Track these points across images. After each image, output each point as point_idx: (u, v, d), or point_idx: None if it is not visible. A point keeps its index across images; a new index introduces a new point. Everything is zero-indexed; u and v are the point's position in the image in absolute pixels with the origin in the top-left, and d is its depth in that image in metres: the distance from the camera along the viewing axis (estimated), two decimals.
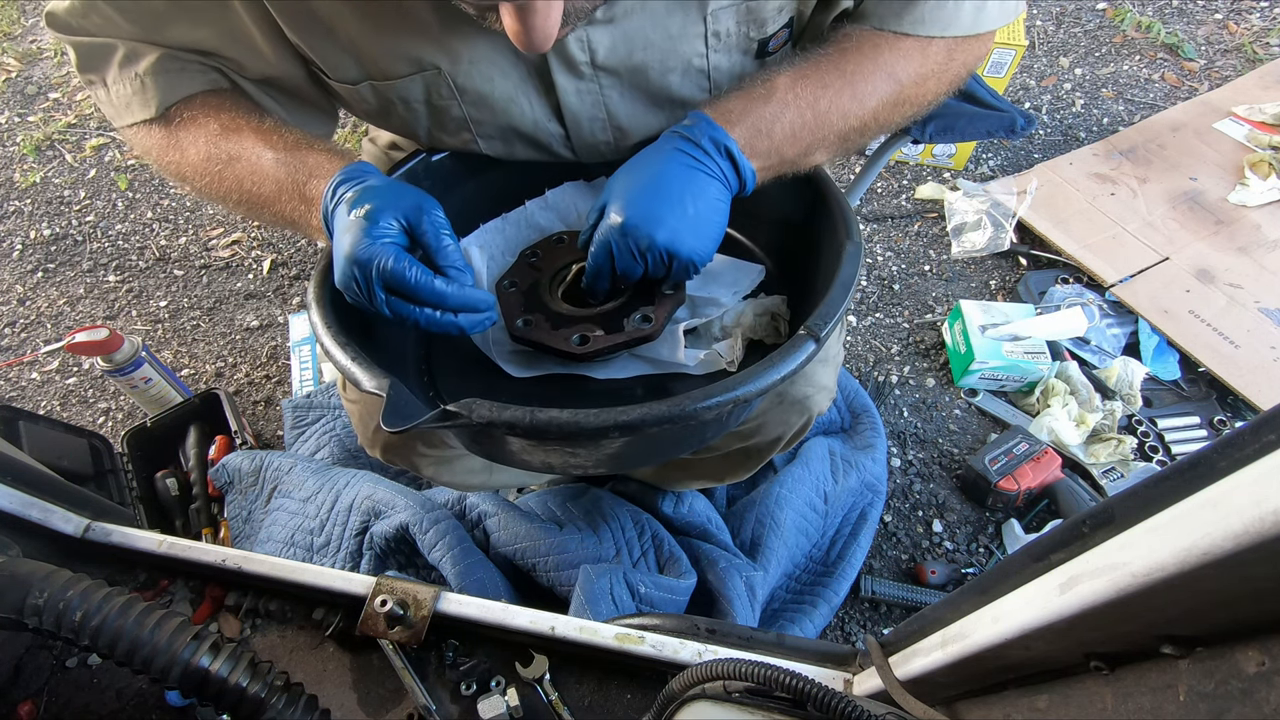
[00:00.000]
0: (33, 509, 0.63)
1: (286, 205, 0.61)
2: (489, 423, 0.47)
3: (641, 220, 0.55)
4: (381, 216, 0.53)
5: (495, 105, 0.63)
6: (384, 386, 0.50)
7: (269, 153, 0.61)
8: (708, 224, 0.57)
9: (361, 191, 0.55)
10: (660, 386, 0.66)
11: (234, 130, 0.62)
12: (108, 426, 1.46)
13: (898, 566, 1.19)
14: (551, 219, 0.77)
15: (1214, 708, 0.27)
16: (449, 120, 0.65)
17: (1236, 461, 0.24)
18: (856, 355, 1.47)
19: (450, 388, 0.69)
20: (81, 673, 0.61)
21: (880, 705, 0.43)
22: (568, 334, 0.62)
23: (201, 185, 0.64)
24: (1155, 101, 1.88)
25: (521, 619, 0.57)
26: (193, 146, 0.62)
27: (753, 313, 0.68)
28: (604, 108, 0.64)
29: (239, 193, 0.62)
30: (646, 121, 0.67)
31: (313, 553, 1.06)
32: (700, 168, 0.57)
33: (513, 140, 0.68)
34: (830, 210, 0.64)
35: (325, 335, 0.56)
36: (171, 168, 0.65)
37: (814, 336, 0.52)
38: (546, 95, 0.63)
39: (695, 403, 0.47)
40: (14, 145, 2.07)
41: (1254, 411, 1.31)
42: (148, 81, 0.61)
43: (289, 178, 0.60)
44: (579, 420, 0.47)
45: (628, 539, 1.03)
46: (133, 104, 0.62)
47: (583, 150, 0.69)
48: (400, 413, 0.47)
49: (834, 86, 0.59)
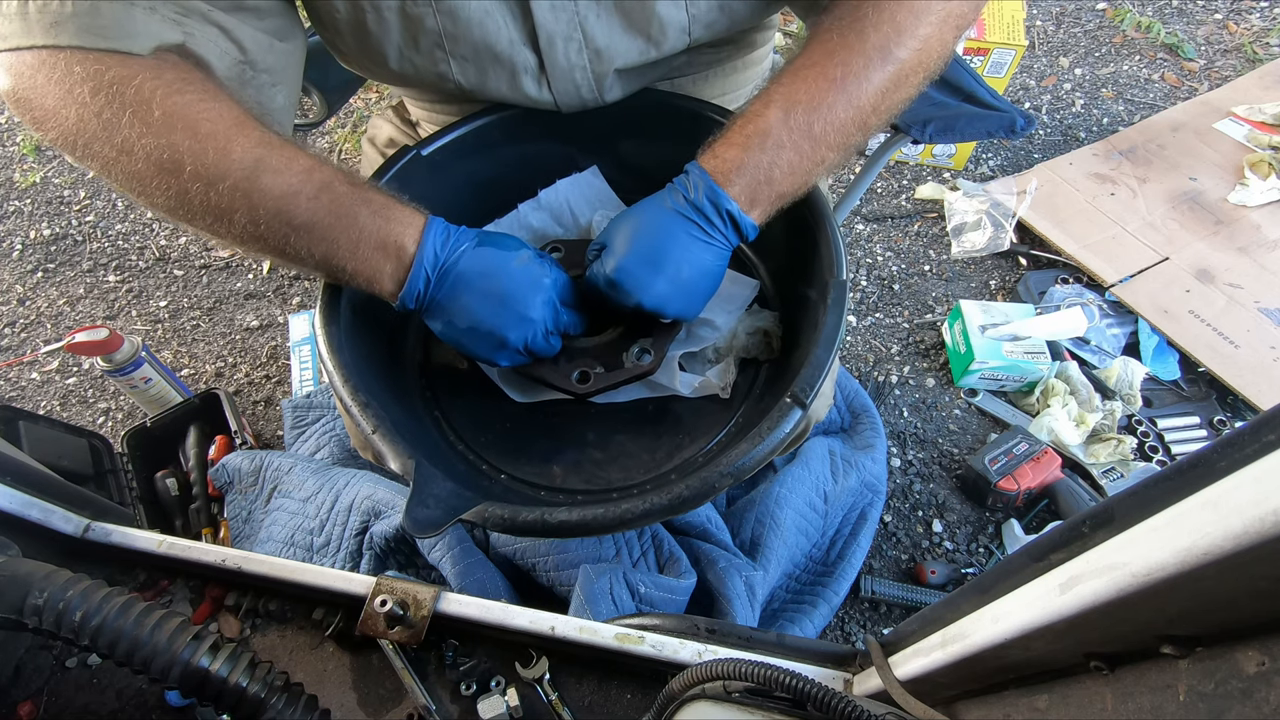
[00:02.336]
0: (33, 509, 0.63)
1: (346, 242, 0.55)
2: (505, 529, 0.51)
3: (632, 285, 0.58)
4: (530, 249, 0.61)
5: (470, 17, 0.60)
6: (410, 469, 0.52)
7: (318, 172, 0.54)
8: (698, 289, 0.60)
9: (496, 236, 0.61)
10: (660, 408, 0.69)
11: (254, 128, 0.53)
12: (108, 426, 1.46)
13: (898, 566, 1.19)
14: (545, 219, 0.77)
15: (1214, 708, 0.27)
16: (422, 35, 0.62)
17: (1236, 461, 0.24)
18: (856, 355, 1.47)
19: (453, 408, 0.71)
20: (81, 673, 0.61)
21: (880, 705, 0.43)
22: (569, 370, 0.65)
23: (191, 187, 0.51)
24: (1155, 101, 1.88)
25: (521, 619, 0.57)
26: (188, 133, 0.50)
27: (744, 332, 0.70)
28: (579, 26, 0.62)
29: (259, 211, 0.53)
30: (624, 44, 0.65)
31: (313, 553, 1.06)
32: (699, 235, 0.58)
33: (486, 66, 0.64)
34: (819, 243, 0.64)
35: (345, 393, 0.57)
36: (110, 144, 0.50)
37: (800, 404, 0.54)
38: (523, 18, 0.62)
39: (694, 492, 0.51)
40: (14, 145, 2.07)
41: (1254, 411, 1.31)
42: (102, 7, 0.48)
43: (360, 214, 0.55)
44: (588, 521, 0.50)
45: (627, 539, 1.03)
46: (65, 23, 0.47)
47: (559, 84, 0.67)
48: (424, 502, 0.50)
49: (826, 103, 0.56)
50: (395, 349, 0.72)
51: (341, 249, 0.55)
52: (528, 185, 0.77)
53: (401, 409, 0.64)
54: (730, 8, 0.65)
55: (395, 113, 0.94)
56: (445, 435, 0.68)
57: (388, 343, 0.70)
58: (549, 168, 0.78)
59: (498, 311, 0.58)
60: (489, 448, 0.67)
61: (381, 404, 0.57)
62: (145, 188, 0.52)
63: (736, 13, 0.66)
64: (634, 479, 0.64)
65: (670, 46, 0.66)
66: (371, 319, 0.67)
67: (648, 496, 0.51)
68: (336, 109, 1.04)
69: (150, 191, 0.52)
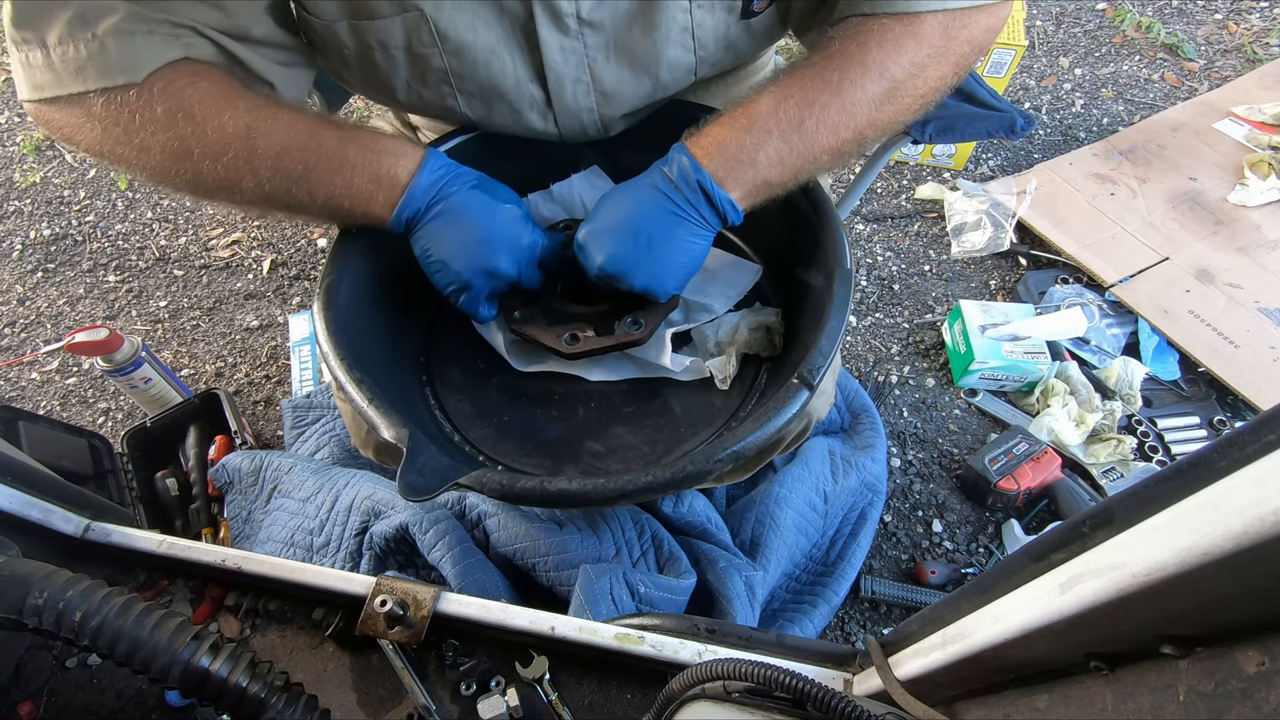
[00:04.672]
0: (33, 509, 0.63)
1: (341, 181, 0.58)
2: (503, 496, 0.51)
3: (612, 267, 0.61)
4: (520, 208, 0.63)
5: (476, 57, 0.61)
6: (403, 438, 0.52)
7: (303, 124, 0.58)
8: (669, 261, 0.61)
9: (495, 186, 0.62)
10: (651, 390, 0.69)
11: (240, 98, 0.57)
12: (108, 426, 1.46)
13: (898, 566, 1.19)
14: (555, 210, 0.77)
15: (1214, 708, 0.27)
16: (429, 71, 0.63)
17: (1236, 461, 0.24)
18: (856, 355, 1.47)
19: (451, 401, 0.71)
20: (81, 673, 0.61)
21: (880, 705, 0.43)
22: (560, 331, 0.66)
23: (202, 166, 0.57)
24: (1155, 101, 1.88)
25: (521, 619, 0.57)
26: (187, 121, 0.55)
27: (747, 327, 0.70)
28: (588, 69, 0.64)
29: (262, 173, 0.57)
30: (631, 88, 0.66)
31: (313, 553, 1.06)
32: (670, 209, 0.59)
33: (493, 101, 0.66)
34: (821, 235, 0.64)
35: (340, 370, 0.57)
36: (130, 146, 0.56)
37: (807, 385, 0.54)
38: (530, 54, 0.62)
39: (697, 466, 0.51)
40: (14, 145, 2.07)
41: (1254, 411, 1.31)
42: (109, 44, 0.53)
43: (349, 153, 0.58)
44: (588, 491, 0.51)
45: (627, 539, 1.03)
46: (86, 69, 0.54)
47: (565, 120, 0.68)
48: (419, 471, 0.50)
49: (819, 102, 0.57)
50: (395, 343, 0.72)
51: (338, 189, 0.59)
52: (536, 182, 0.78)
53: (400, 400, 0.64)
54: (735, 47, 0.66)
55: (395, 115, 0.94)
56: (443, 428, 0.68)
57: (386, 336, 0.70)
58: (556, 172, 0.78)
59: (470, 255, 0.61)
60: (487, 440, 0.68)
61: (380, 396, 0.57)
62: (167, 176, 0.58)
63: (741, 50, 0.67)
64: (633, 471, 0.65)
65: (676, 85, 0.67)
66: (371, 312, 0.68)
67: (650, 470, 0.51)
68: (336, 109, 1.04)
69: (172, 179, 0.58)
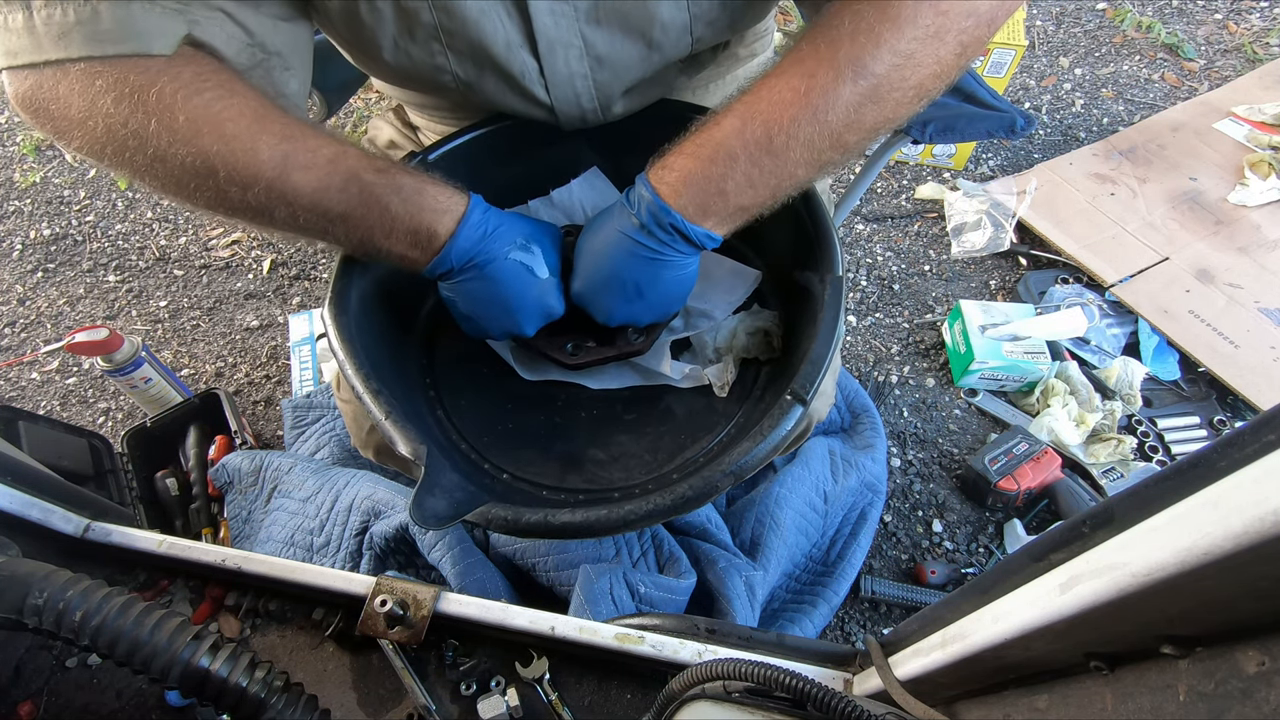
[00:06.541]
0: (33, 509, 0.63)
1: (380, 231, 0.57)
2: (509, 530, 0.52)
3: (595, 310, 0.63)
4: (554, 276, 0.64)
5: (466, 15, 0.59)
6: (421, 455, 0.53)
7: (342, 162, 0.55)
8: (662, 300, 0.62)
9: (529, 237, 0.62)
10: (652, 397, 0.70)
11: (273, 120, 0.53)
12: (108, 426, 1.46)
13: (898, 566, 1.19)
14: (556, 216, 0.77)
15: (1214, 708, 0.27)
16: (418, 27, 0.60)
17: (1236, 461, 0.24)
18: (856, 355, 1.47)
19: (456, 408, 0.72)
20: (81, 673, 0.61)
21: (880, 705, 0.43)
22: (562, 342, 0.67)
23: (230, 191, 0.53)
24: (1155, 101, 1.88)
25: (521, 619, 0.57)
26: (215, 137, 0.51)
27: (745, 332, 0.70)
28: (579, 33, 0.62)
29: (297, 208, 0.55)
30: (625, 52, 0.64)
31: (313, 553, 1.06)
32: (648, 255, 0.59)
33: (484, 65, 0.64)
34: (815, 240, 0.64)
35: (357, 381, 0.57)
36: (131, 143, 0.50)
37: (800, 401, 0.54)
38: (521, 20, 0.61)
39: (696, 491, 0.51)
40: (14, 145, 2.07)
41: (1254, 411, 1.31)
42: (102, 9, 0.47)
43: (392, 202, 0.56)
44: (592, 523, 0.51)
45: (627, 539, 1.03)
46: (72, 34, 0.47)
47: (559, 91, 0.66)
48: (433, 491, 0.51)
49: (787, 116, 0.53)
50: (399, 349, 0.72)
51: (377, 236, 0.58)
52: (536, 188, 0.78)
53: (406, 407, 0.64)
54: (731, 5, 0.64)
55: (396, 115, 0.94)
56: (448, 434, 0.69)
57: (392, 343, 0.70)
58: (556, 178, 0.78)
59: (498, 319, 0.63)
60: (491, 448, 0.68)
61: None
62: (184, 190, 0.54)
63: (737, 10, 0.65)
64: (635, 479, 0.65)
65: (673, 50, 0.65)
66: (377, 318, 0.68)
67: (650, 497, 0.51)
68: (336, 109, 1.04)
69: (190, 194, 0.54)
